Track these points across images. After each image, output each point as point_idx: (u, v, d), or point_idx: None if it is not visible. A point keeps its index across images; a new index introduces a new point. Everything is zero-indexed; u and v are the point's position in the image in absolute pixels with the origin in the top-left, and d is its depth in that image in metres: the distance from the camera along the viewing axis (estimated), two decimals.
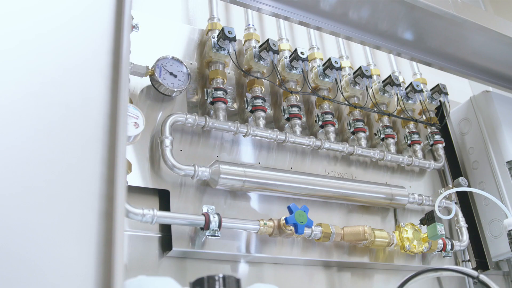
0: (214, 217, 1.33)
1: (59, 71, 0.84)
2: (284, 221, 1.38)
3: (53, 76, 0.82)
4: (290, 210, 1.38)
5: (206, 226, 1.32)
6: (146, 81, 1.50)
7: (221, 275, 0.94)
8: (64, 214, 0.74)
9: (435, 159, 1.95)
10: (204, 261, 1.43)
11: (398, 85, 1.81)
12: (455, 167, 2.02)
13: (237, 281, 0.96)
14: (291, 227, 1.38)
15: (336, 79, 1.72)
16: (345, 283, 1.61)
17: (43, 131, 0.77)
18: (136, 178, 1.38)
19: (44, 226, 0.72)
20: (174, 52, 1.57)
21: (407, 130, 1.92)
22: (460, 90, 2.41)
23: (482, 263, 1.89)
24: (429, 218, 1.63)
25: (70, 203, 0.75)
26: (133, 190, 1.40)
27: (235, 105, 1.63)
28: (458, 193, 1.93)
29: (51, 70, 0.83)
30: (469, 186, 1.98)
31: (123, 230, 0.77)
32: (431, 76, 2.20)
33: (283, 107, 1.66)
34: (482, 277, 1.17)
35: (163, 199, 1.43)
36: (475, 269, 1.89)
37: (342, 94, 1.74)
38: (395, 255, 1.71)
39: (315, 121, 1.73)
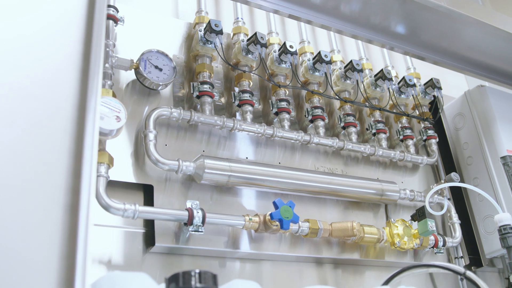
0: (198, 212, 1.31)
1: (26, 61, 0.82)
2: (269, 217, 1.35)
3: (19, 66, 0.81)
4: (276, 205, 1.36)
5: (190, 221, 1.30)
6: (132, 75, 1.48)
7: (197, 271, 0.91)
8: (26, 206, 0.72)
9: (428, 155, 1.92)
10: (190, 257, 1.41)
11: (390, 79, 1.79)
12: (449, 163, 1.99)
13: (214, 277, 0.93)
14: (277, 223, 1.36)
15: (325, 73, 1.69)
16: (336, 280, 1.58)
17: (8, 122, 0.76)
18: (120, 173, 1.37)
19: (4, 219, 0.70)
20: (162, 46, 1.55)
21: (400, 125, 1.89)
22: (456, 86, 2.38)
23: (475, 260, 1.86)
24: (420, 214, 1.61)
25: (34, 195, 0.73)
26: (118, 185, 1.38)
27: (223, 100, 1.61)
28: (452, 189, 1.91)
29: (18, 60, 0.81)
30: (462, 181, 1.95)
31: (88, 224, 0.75)
32: (426, 71, 2.17)
33: (272, 101, 1.64)
34: (469, 273, 1.15)
35: (148, 194, 1.41)
36: (469, 266, 1.86)
37: (331, 88, 1.71)
38: (386, 252, 1.68)
39: (305, 115, 1.70)
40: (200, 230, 1.31)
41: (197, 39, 1.54)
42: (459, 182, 1.68)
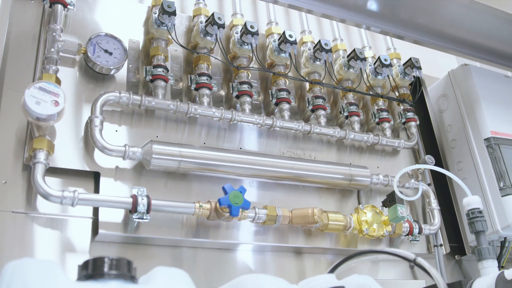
0: (143, 199, 1.26)
1: None
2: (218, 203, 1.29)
3: None
4: (225, 191, 1.29)
5: (134, 208, 1.25)
6: None
7: (111, 257, 0.86)
8: None
9: (408, 138, 1.83)
10: (142, 246, 1.37)
11: (363, 59, 1.70)
12: (433, 146, 1.89)
13: (129, 263, 0.88)
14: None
15: (290, 54, 1.61)
16: (299, 269, 1.51)
17: None
18: (68, 160, 1.33)
19: None
20: (120, 30, 1.51)
21: (376, 107, 1.80)
22: (447, 67, 2.25)
23: (459, 248, 1.76)
24: (390, 200, 1.52)
25: None
26: (70, 173, 1.34)
27: (181, 84, 1.55)
28: (435, 174, 1.80)
29: None
30: (446, 166, 1.85)
31: None
32: (416, 52, 2.05)
33: (232, 84, 1.57)
34: (420, 260, 1.07)
35: (99, 182, 1.37)
36: (452, 254, 1.77)
37: (296, 69, 1.63)
38: (359, 240, 1.60)
39: (270, 99, 1.63)
40: (145, 217, 1.26)
41: (151, 21, 1.48)
42: (433, 165, 1.58)
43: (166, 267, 0.99)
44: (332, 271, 1.12)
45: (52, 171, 1.31)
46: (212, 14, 1.50)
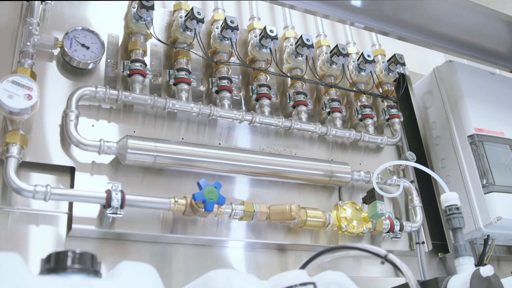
0: (117, 194, 1.25)
1: None
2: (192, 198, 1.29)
3: None
4: (199, 186, 1.28)
5: (107, 203, 1.25)
6: None
7: (74, 251, 0.85)
8: None
9: (392, 135, 1.82)
10: (121, 242, 1.36)
11: (345, 55, 1.69)
12: (418, 144, 1.88)
13: (92, 257, 0.87)
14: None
15: (270, 49, 1.60)
16: (281, 265, 1.50)
17: None
18: (44, 155, 1.32)
19: None
20: (98, 25, 1.51)
21: (359, 104, 1.79)
22: (435, 64, 2.24)
23: (443, 246, 1.75)
24: (370, 196, 1.51)
25: None
26: (48, 168, 1.34)
27: (160, 79, 1.54)
28: (419, 171, 1.79)
29: None
30: (430, 163, 1.84)
31: None
32: (402, 49, 2.04)
33: (212, 79, 1.56)
34: (391, 256, 1.06)
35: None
36: (435, 252, 1.76)
37: (277, 65, 1.62)
38: (340, 237, 1.60)
39: (251, 95, 1.62)
40: (119, 213, 1.26)
41: (130, 16, 1.48)
42: (414, 161, 1.57)
43: (132, 262, 0.98)
44: (303, 267, 1.11)
45: (30, 165, 1.31)
46: (192, 9, 1.49)
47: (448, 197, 1.32)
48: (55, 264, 0.83)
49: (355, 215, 1.51)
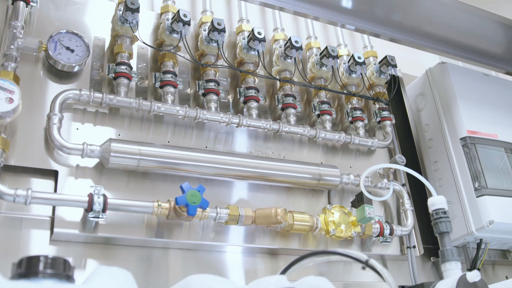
0: (99, 197, 1.24)
1: None
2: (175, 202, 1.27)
3: None
4: (182, 190, 1.27)
5: (89, 207, 1.24)
6: None
7: (48, 255, 0.84)
8: None
9: (384, 137, 1.80)
10: (106, 246, 1.35)
11: (335, 57, 1.67)
12: (411, 146, 1.86)
13: (65, 262, 0.86)
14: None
15: (258, 52, 1.59)
16: (265, 270, 1.49)
17: None
18: (28, 158, 1.32)
19: None
20: (84, 28, 1.50)
21: (350, 106, 1.77)
22: (429, 66, 2.22)
23: (435, 250, 1.72)
24: (358, 200, 1.49)
25: None
26: (32, 171, 1.33)
27: (147, 82, 1.53)
28: (410, 175, 1.77)
29: None
30: (423, 166, 1.82)
31: None
32: (395, 51, 2.02)
33: (199, 82, 1.55)
34: (372, 262, 1.04)
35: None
36: (427, 256, 1.74)
37: (264, 67, 1.61)
38: (329, 241, 1.58)
39: (238, 97, 1.61)
40: (101, 216, 1.24)
41: (115, 18, 1.47)
42: (403, 165, 1.55)
43: (108, 267, 0.97)
44: (283, 272, 1.09)
45: (15, 169, 1.30)
46: (178, 11, 1.48)
47: (435, 201, 1.30)
48: (26, 269, 0.82)
49: (343, 219, 1.49)
